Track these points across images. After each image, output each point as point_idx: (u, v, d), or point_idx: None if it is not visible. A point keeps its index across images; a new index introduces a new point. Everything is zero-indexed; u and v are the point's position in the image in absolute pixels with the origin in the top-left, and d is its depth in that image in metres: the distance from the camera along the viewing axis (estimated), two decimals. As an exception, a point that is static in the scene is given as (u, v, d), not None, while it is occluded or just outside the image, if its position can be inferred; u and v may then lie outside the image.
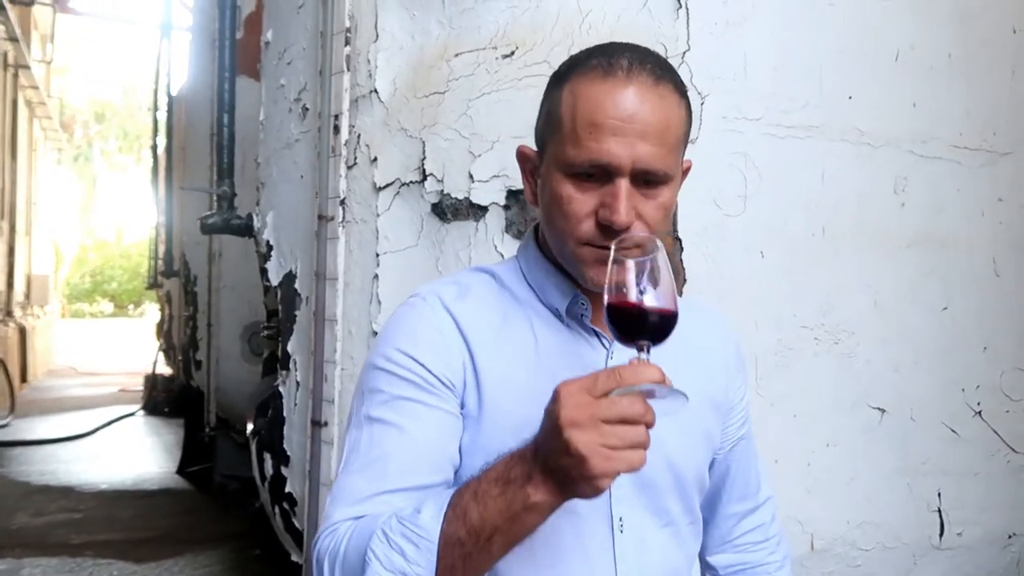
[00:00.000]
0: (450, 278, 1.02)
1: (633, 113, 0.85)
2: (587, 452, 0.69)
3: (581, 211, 0.88)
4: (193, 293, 6.38)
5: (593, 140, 0.86)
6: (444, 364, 0.91)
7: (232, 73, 3.09)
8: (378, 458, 0.88)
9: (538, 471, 0.74)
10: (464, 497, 0.77)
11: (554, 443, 0.71)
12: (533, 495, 0.74)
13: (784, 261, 1.78)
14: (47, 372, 14.77)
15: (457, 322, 0.94)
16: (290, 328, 2.39)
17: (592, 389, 0.71)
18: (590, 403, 0.70)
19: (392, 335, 0.95)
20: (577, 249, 0.90)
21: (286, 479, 2.39)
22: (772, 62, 1.79)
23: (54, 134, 16.62)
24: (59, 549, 4.55)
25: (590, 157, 0.86)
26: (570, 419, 0.69)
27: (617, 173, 0.86)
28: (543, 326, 0.96)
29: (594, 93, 0.87)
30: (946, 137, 1.88)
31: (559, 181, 0.90)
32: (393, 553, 0.77)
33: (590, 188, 0.88)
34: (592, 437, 0.69)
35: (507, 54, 1.82)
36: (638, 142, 0.85)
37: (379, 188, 1.96)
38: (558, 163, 0.90)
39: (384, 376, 0.92)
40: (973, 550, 1.87)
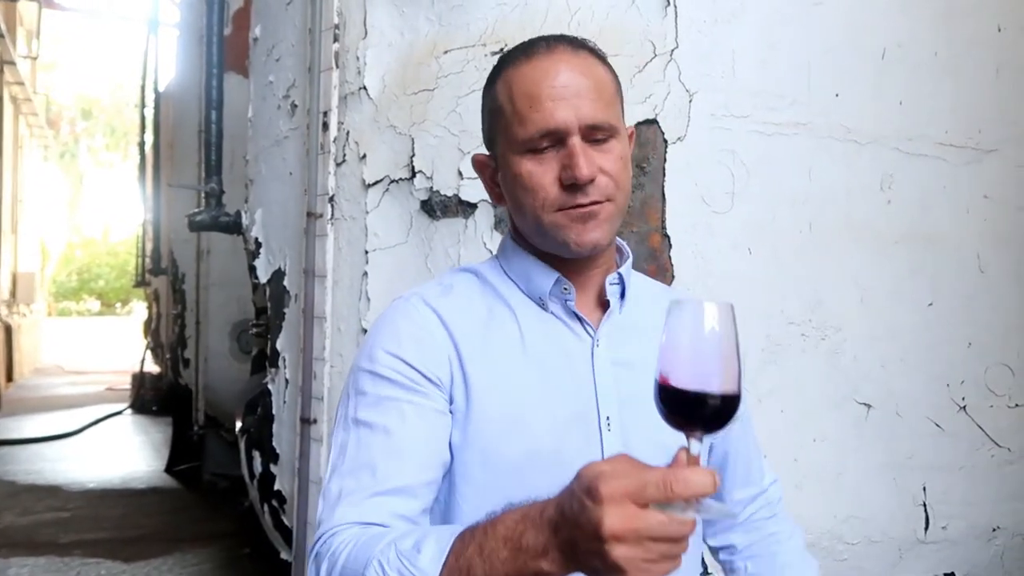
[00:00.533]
0: (433, 280, 1.04)
1: (564, 78, 0.90)
2: (627, 566, 0.64)
3: (544, 180, 0.91)
4: (181, 291, 6.35)
5: (536, 111, 0.90)
6: (429, 360, 0.92)
7: (220, 69, 3.08)
8: (366, 461, 0.88)
9: (556, 550, 0.69)
10: (469, 550, 0.74)
11: (589, 544, 0.65)
12: (547, 567, 0.70)
13: (771, 258, 1.79)
14: (33, 371, 14.66)
15: (441, 318, 0.94)
16: (279, 325, 2.39)
17: (639, 497, 0.64)
18: (636, 516, 0.63)
19: (376, 336, 0.95)
20: (550, 217, 0.91)
21: (275, 477, 2.39)
22: (760, 59, 1.80)
23: (40, 131, 16.48)
24: (47, 548, 4.52)
25: (538, 127, 0.90)
26: (613, 532, 0.63)
27: (567, 134, 0.90)
28: (528, 318, 0.97)
29: (524, 72, 0.92)
30: (932, 135, 1.90)
31: (517, 162, 0.92)
32: None
33: (547, 159, 0.91)
34: (635, 553, 0.64)
35: (496, 51, 1.82)
36: (576, 100, 0.89)
37: (368, 185, 1.96)
38: (512, 147, 0.93)
39: (369, 377, 0.92)
40: (958, 544, 1.89)
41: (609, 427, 0.93)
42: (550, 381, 0.93)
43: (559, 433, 0.92)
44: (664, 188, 1.75)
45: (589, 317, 0.97)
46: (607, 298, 0.99)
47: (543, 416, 0.92)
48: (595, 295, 0.99)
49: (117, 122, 30.45)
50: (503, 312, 0.97)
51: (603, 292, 0.99)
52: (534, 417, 0.92)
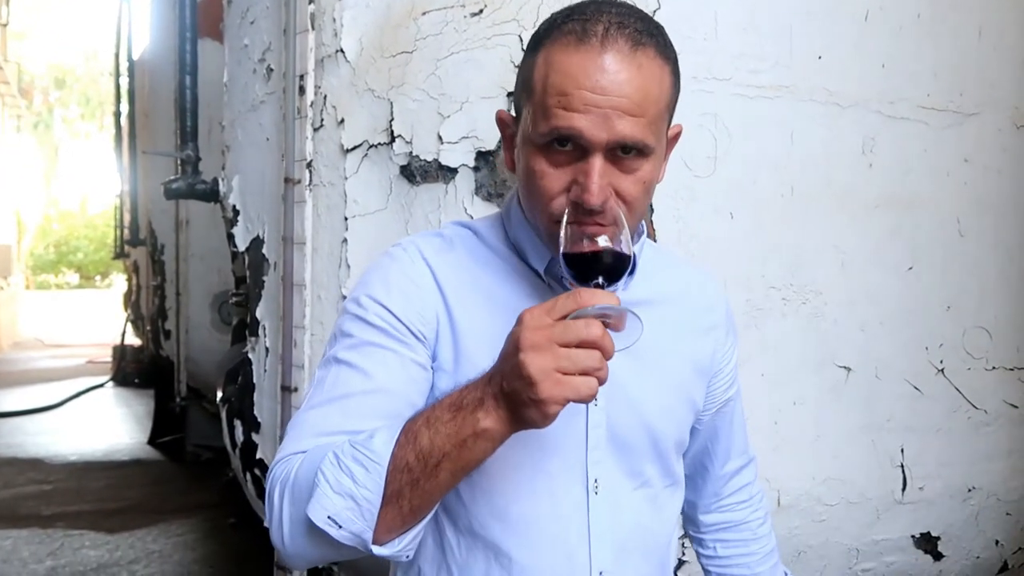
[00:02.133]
0: (434, 231, 1.01)
1: (606, 85, 0.80)
2: (538, 376, 0.69)
3: (553, 188, 0.84)
4: (161, 262, 6.28)
5: (563, 111, 0.81)
6: (416, 314, 0.91)
7: (194, 33, 3.01)
8: (339, 397, 0.87)
9: (490, 396, 0.73)
10: (417, 423, 0.77)
11: (509, 365, 0.71)
12: (483, 420, 0.73)
13: (753, 222, 1.78)
14: (12, 345, 14.52)
15: (435, 274, 0.93)
16: (258, 294, 2.37)
17: (551, 311, 0.71)
18: (549, 325, 0.70)
19: (368, 282, 0.94)
20: (550, 226, 0.86)
21: (257, 446, 2.38)
22: (742, 22, 1.77)
23: (12, 100, 16.16)
24: (29, 521, 4.52)
25: (559, 130, 0.81)
26: (528, 341, 0.69)
27: (590, 148, 0.81)
28: (523, 283, 0.95)
29: (566, 62, 0.81)
30: (914, 98, 1.89)
31: (531, 154, 0.86)
32: (343, 475, 0.76)
33: (563, 162, 0.83)
34: (546, 361, 0.69)
35: (475, 12, 1.79)
36: (612, 115, 0.80)
37: (347, 150, 1.93)
38: (529, 134, 0.86)
39: (355, 321, 0.91)
40: (934, 504, 1.92)
41: (596, 402, 0.90)
42: None
43: None
44: (646, 152, 1.73)
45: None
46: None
47: None
48: None
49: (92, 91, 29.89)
50: (498, 275, 0.95)
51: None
52: None
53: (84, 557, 3.97)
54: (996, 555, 2.05)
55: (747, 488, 1.16)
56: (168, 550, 4.07)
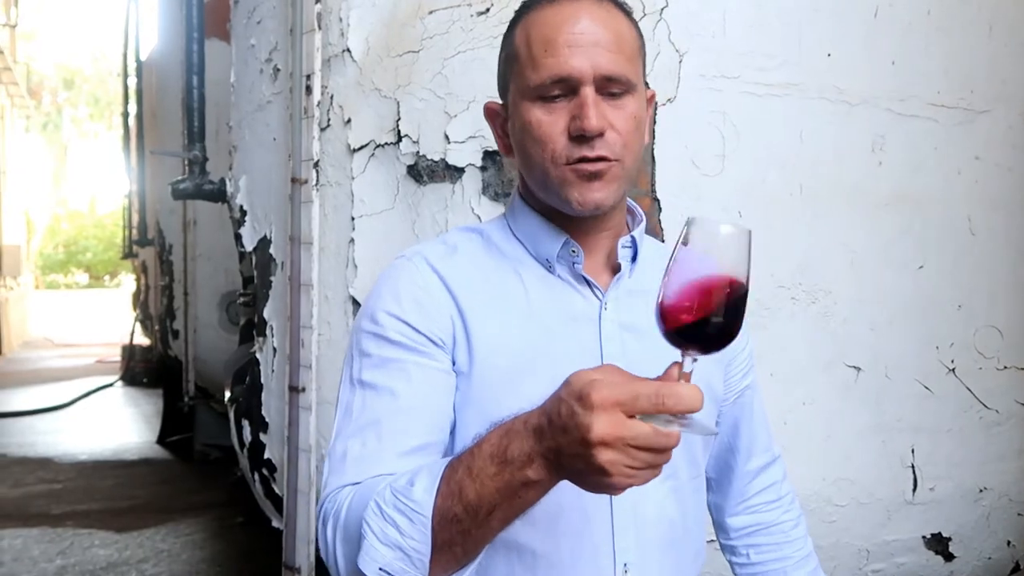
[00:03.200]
0: (437, 239, 1.01)
1: (584, 26, 0.87)
2: (611, 470, 0.66)
3: (553, 131, 0.88)
4: (169, 262, 6.30)
5: (550, 56, 0.87)
6: (431, 322, 0.90)
7: (200, 34, 3.01)
8: (371, 422, 0.87)
9: (540, 455, 0.70)
10: (458, 473, 0.74)
11: (575, 448, 0.67)
12: (534, 475, 0.71)
13: (762, 221, 1.77)
14: (22, 344, 14.60)
15: (443, 279, 0.93)
16: (266, 294, 2.37)
17: (629, 407, 0.65)
18: (624, 424, 0.65)
19: (378, 297, 0.94)
20: (556, 171, 0.89)
21: (265, 446, 2.38)
22: (750, 19, 1.76)
23: (21, 100, 16.23)
24: (39, 520, 4.54)
25: (551, 72, 0.87)
26: (600, 438, 0.65)
27: (580, 83, 0.87)
28: (533, 280, 0.95)
29: (544, 18, 0.89)
30: (924, 95, 1.87)
31: (527, 110, 0.90)
32: (387, 526, 0.76)
33: (558, 108, 0.88)
34: (619, 458, 0.66)
35: (482, 11, 1.78)
36: (594, 50, 0.86)
37: (353, 150, 1.93)
38: (522, 93, 0.90)
39: (372, 339, 0.91)
40: (945, 504, 1.90)
41: None
42: (554, 344, 0.92)
43: None
44: (654, 151, 1.73)
45: (598, 280, 0.96)
46: (618, 261, 0.97)
47: (546, 379, 0.90)
48: (604, 258, 0.97)
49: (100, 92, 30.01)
50: (508, 274, 0.95)
51: (613, 255, 0.97)
52: (536, 380, 0.90)
53: (94, 556, 3.99)
54: (1008, 556, 2.03)
55: (775, 487, 1.13)
56: (177, 549, 4.09)
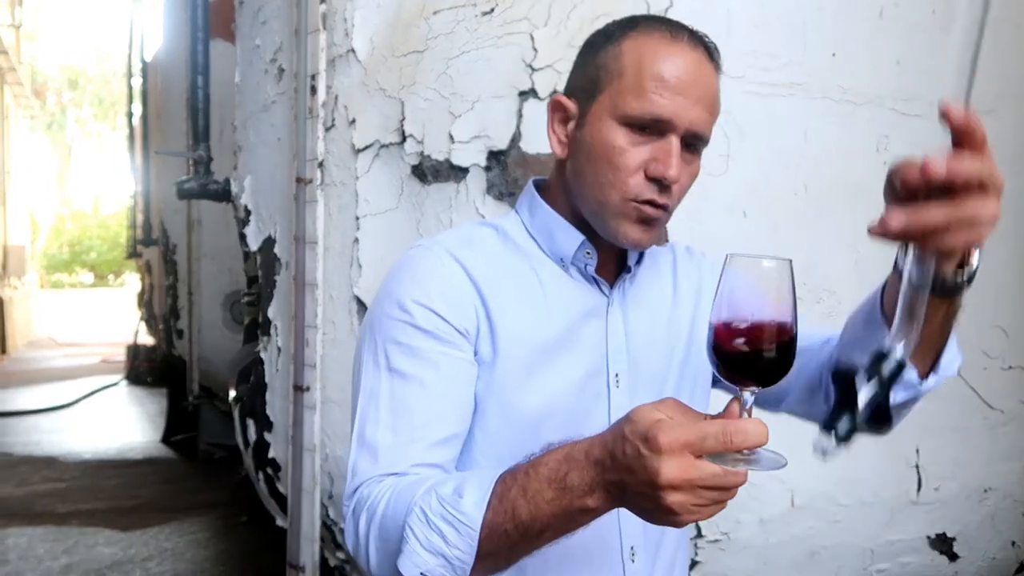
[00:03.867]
0: (452, 231, 1.02)
1: (696, 79, 0.88)
2: (679, 510, 0.67)
3: (632, 164, 0.89)
4: (173, 262, 6.31)
5: (659, 94, 0.87)
6: (458, 313, 0.91)
7: (206, 34, 3.02)
8: (402, 411, 0.88)
9: (603, 488, 0.71)
10: (512, 492, 0.75)
11: (642, 489, 0.68)
12: (593, 503, 0.72)
13: (766, 220, 1.77)
14: (27, 343, 14.64)
15: (467, 270, 0.93)
16: (270, 293, 2.37)
17: (696, 449, 0.66)
18: (692, 467, 0.66)
19: (403, 285, 0.93)
20: (622, 204, 0.90)
21: (269, 445, 2.39)
22: (754, 19, 1.76)
23: (26, 101, 16.26)
24: (44, 518, 4.55)
25: (653, 109, 0.87)
26: (670, 482, 0.66)
27: (672, 131, 0.88)
28: (548, 276, 0.97)
29: (662, 51, 0.89)
30: (929, 95, 1.87)
31: (613, 130, 0.90)
32: (432, 534, 0.77)
33: (642, 142, 0.89)
34: (687, 499, 0.67)
35: (487, 11, 1.78)
36: (696, 106, 0.88)
37: (358, 150, 1.93)
38: (615, 113, 0.90)
39: (400, 326, 0.91)
40: (949, 504, 1.90)
41: (618, 384, 0.95)
42: (568, 338, 0.94)
43: (573, 389, 0.93)
44: (658, 150, 1.73)
45: (605, 277, 0.98)
46: (628, 263, 1.00)
47: (560, 372, 0.93)
48: (614, 258, 1.00)
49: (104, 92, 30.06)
50: (524, 268, 0.97)
51: (621, 255, 1.00)
52: (552, 373, 0.93)
53: (98, 554, 4.00)
54: (1012, 556, 2.03)
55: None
56: (181, 548, 4.09)
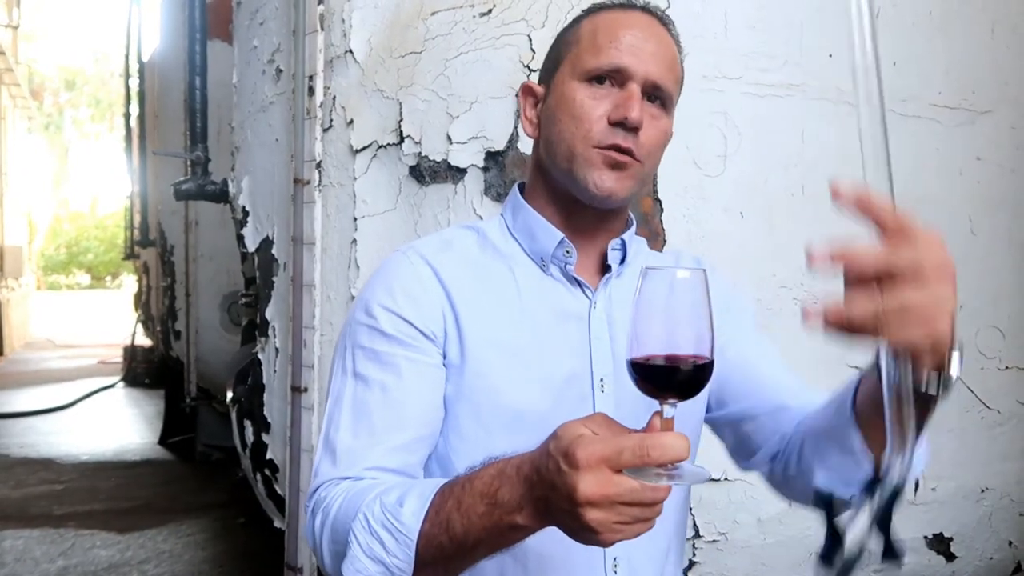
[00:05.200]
0: (434, 234, 1.04)
1: (650, 36, 0.93)
2: (600, 528, 0.66)
3: (595, 113, 0.91)
4: (170, 263, 6.30)
5: (614, 48, 0.91)
6: (424, 315, 0.92)
7: (203, 34, 3.02)
8: (363, 415, 0.90)
9: (531, 505, 0.71)
10: (448, 505, 0.75)
11: (563, 505, 0.67)
12: (523, 521, 0.72)
13: (764, 221, 1.77)
14: (24, 345, 14.61)
15: (437, 272, 0.94)
16: (268, 294, 2.37)
17: (614, 463, 0.65)
18: (610, 482, 0.64)
19: (372, 290, 0.95)
20: (586, 151, 0.91)
21: (267, 446, 2.39)
22: (752, 20, 1.77)
23: (23, 102, 16.24)
24: (41, 520, 4.53)
25: (610, 60, 0.91)
26: (587, 498, 0.64)
27: (631, 79, 0.91)
28: (526, 278, 0.96)
29: (614, 17, 0.95)
30: (925, 96, 1.88)
31: (574, 88, 0.93)
32: (373, 541, 0.78)
33: (603, 94, 0.92)
34: (607, 516, 0.66)
35: (484, 12, 1.78)
36: (651, 59, 0.91)
37: (356, 151, 1.93)
38: (574, 73, 0.94)
39: (365, 331, 0.93)
40: (947, 504, 1.90)
41: (603, 388, 0.94)
42: (545, 342, 0.93)
43: (552, 393, 0.92)
44: (655, 151, 1.73)
45: (589, 281, 0.97)
46: (608, 263, 0.99)
47: (536, 376, 0.92)
48: (597, 259, 0.99)
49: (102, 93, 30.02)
50: (501, 271, 0.97)
51: (605, 257, 0.99)
52: (527, 376, 0.92)
53: (95, 557, 3.99)
54: (1009, 556, 2.03)
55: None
56: (179, 550, 4.09)
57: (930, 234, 0.65)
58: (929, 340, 0.64)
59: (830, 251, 0.64)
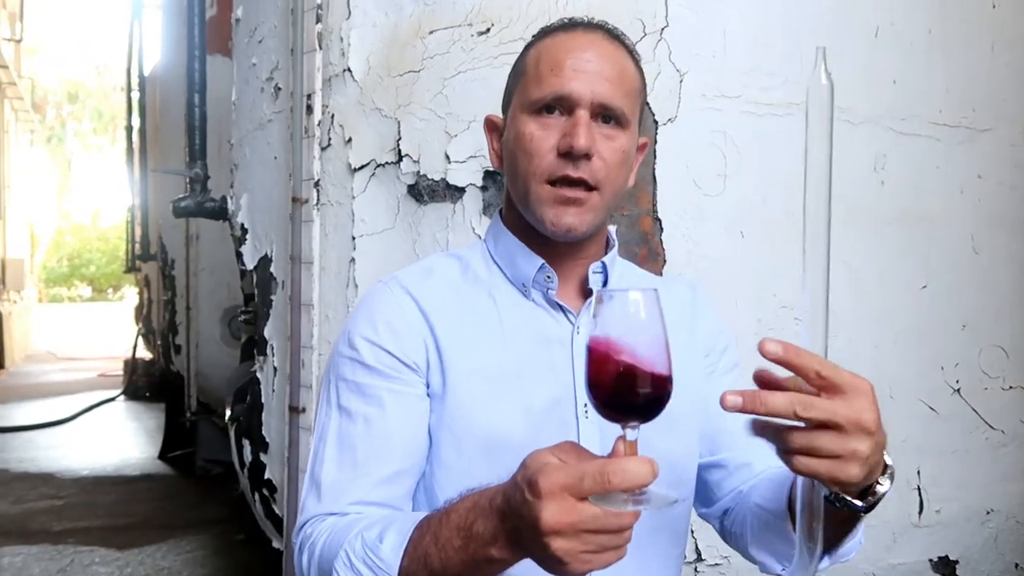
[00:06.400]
0: (417, 263, 1.03)
1: (591, 56, 0.90)
2: (566, 558, 0.65)
3: (543, 147, 0.90)
4: (171, 276, 6.30)
5: (555, 76, 0.90)
6: (406, 346, 0.91)
7: (202, 52, 3.02)
8: (347, 449, 0.90)
9: (503, 535, 0.70)
10: (425, 539, 0.76)
11: (531, 535, 0.66)
12: (497, 553, 0.71)
13: (764, 241, 1.76)
14: (25, 357, 14.60)
15: (418, 302, 0.94)
16: (266, 313, 2.36)
17: (576, 491, 0.64)
18: (572, 509, 0.64)
19: (355, 322, 0.95)
20: (539, 188, 0.90)
21: (265, 466, 2.37)
22: (751, 39, 1.76)
23: (26, 115, 16.31)
24: (40, 536, 4.51)
25: (552, 89, 0.90)
26: (550, 527, 0.64)
27: (577, 105, 0.89)
28: (508, 304, 0.96)
29: (556, 42, 0.93)
30: (926, 114, 1.87)
31: (523, 122, 0.92)
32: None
33: (552, 125, 0.90)
34: (573, 545, 0.65)
35: (482, 31, 1.78)
36: (596, 78, 0.89)
37: (354, 169, 1.92)
38: (522, 106, 0.93)
39: (348, 364, 0.93)
40: (952, 527, 1.88)
41: (587, 414, 0.92)
42: (527, 368, 0.92)
43: (535, 420, 0.91)
44: (655, 171, 1.72)
45: (571, 305, 0.96)
46: (590, 286, 0.97)
47: (518, 403, 0.91)
48: (578, 284, 0.98)
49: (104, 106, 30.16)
50: (482, 298, 0.96)
51: (587, 281, 0.98)
52: (509, 404, 0.91)
53: (94, 573, 3.96)
54: (1015, 578, 2.01)
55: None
56: (178, 567, 4.06)
57: (858, 385, 0.67)
58: (833, 480, 0.67)
59: (743, 403, 0.66)
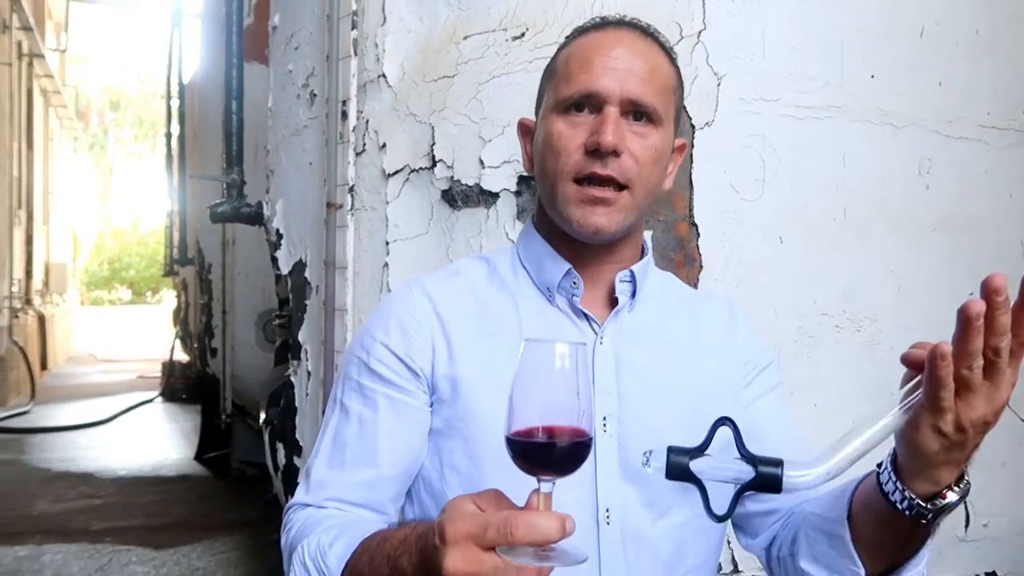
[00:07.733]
0: (446, 266, 1.04)
1: (621, 52, 0.89)
2: None
3: (570, 144, 0.89)
4: (208, 281, 6.39)
5: (584, 73, 0.89)
6: (413, 349, 0.92)
7: (240, 59, 3.06)
8: (338, 446, 0.92)
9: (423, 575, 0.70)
10: (363, 558, 0.78)
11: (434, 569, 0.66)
12: None
13: (804, 246, 1.73)
14: (67, 359, 14.94)
15: (434, 304, 0.94)
16: (301, 317, 2.37)
17: (480, 541, 0.63)
18: (475, 559, 0.63)
19: (372, 321, 0.97)
20: (565, 186, 0.89)
21: (299, 469, 2.38)
22: (790, 41, 1.73)
23: (69, 123, 16.71)
24: (79, 535, 4.60)
25: (580, 87, 0.89)
26: (451, 571, 0.64)
27: (606, 102, 0.88)
28: (530, 311, 0.94)
29: (587, 41, 0.92)
30: (973, 116, 1.82)
31: (552, 121, 0.91)
32: (303, 573, 0.83)
33: (580, 123, 0.89)
34: None
35: (517, 36, 1.77)
36: (626, 75, 0.88)
37: (388, 175, 1.93)
38: (552, 106, 0.92)
39: (355, 363, 0.95)
40: (999, 541, 1.82)
41: (605, 428, 0.89)
42: None
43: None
44: (692, 175, 1.69)
45: (597, 314, 0.94)
46: (617, 295, 0.95)
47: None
48: (606, 291, 0.96)
49: (145, 113, 30.80)
50: (505, 303, 0.95)
51: (615, 289, 0.95)
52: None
53: (131, 573, 4.03)
54: (1066, 596, 1.94)
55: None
56: (212, 567, 4.11)
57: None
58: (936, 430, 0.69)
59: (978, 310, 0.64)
